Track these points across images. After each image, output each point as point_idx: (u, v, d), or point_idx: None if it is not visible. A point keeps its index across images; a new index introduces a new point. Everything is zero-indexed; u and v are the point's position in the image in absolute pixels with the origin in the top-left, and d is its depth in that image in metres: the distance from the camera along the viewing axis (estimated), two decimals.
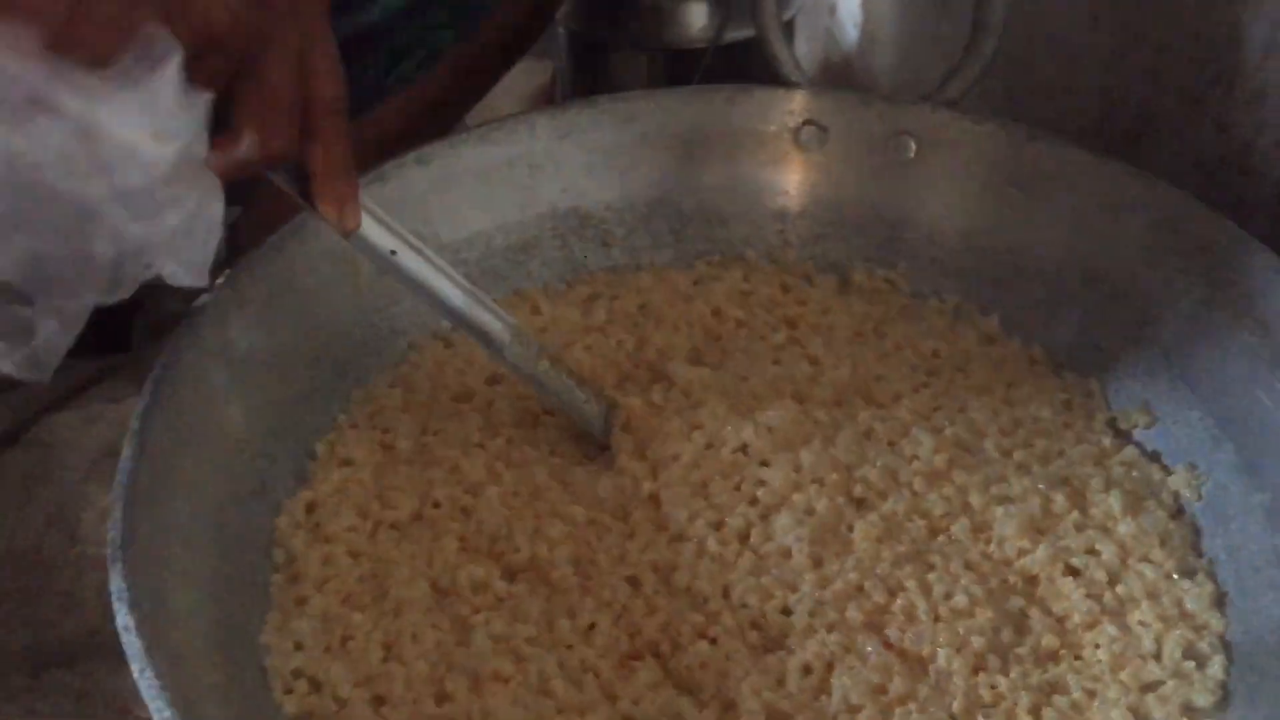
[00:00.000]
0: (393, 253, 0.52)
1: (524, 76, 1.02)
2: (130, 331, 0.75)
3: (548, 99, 1.01)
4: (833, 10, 1.06)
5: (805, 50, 0.96)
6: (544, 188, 0.65)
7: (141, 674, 0.40)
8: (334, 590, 0.50)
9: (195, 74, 0.39)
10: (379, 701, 0.47)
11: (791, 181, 0.67)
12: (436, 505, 0.54)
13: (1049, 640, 0.49)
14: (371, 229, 0.51)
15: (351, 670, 0.48)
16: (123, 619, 0.41)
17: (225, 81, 0.42)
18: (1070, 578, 0.50)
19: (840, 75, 1.05)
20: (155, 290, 0.73)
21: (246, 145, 0.43)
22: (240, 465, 0.53)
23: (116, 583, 0.42)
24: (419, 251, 0.53)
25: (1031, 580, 0.51)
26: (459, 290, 0.54)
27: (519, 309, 0.64)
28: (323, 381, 0.58)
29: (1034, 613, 0.50)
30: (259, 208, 0.59)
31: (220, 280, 0.54)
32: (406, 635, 0.49)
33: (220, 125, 0.42)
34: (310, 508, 0.54)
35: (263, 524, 0.53)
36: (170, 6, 0.38)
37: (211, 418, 0.52)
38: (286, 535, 0.53)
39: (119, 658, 0.53)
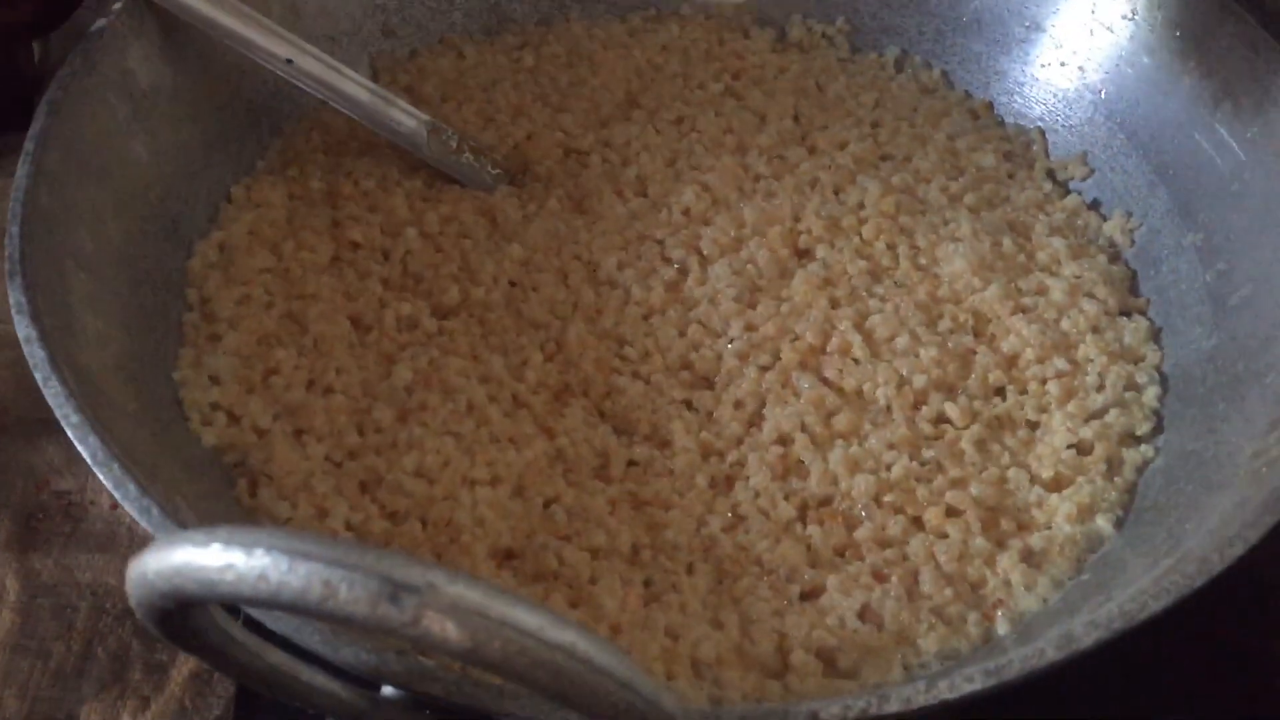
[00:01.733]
0: (289, 61, 0.52)
1: None
2: (32, 110, 0.71)
3: None
4: None
5: None
6: None
7: (46, 382, 0.38)
8: (249, 329, 0.48)
9: None
10: (300, 434, 0.46)
11: None
12: (356, 246, 0.52)
13: (996, 376, 0.48)
14: (265, 38, 0.51)
15: (271, 403, 0.46)
16: (24, 330, 0.39)
17: None
18: (1020, 315, 0.50)
19: None
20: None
21: None
22: (148, 204, 0.50)
23: (15, 296, 0.40)
24: (316, 57, 0.53)
25: (981, 318, 0.50)
26: (365, 90, 0.54)
27: (443, 56, 0.61)
28: (235, 126, 0.55)
29: (982, 349, 0.49)
30: None
31: (117, 6, 0.50)
32: (329, 371, 0.47)
33: None
34: (222, 248, 0.51)
35: (175, 265, 0.50)
36: None
37: (114, 151, 0.49)
38: (199, 276, 0.50)
39: (34, 433, 0.52)
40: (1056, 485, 0.46)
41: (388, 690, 0.33)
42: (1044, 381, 0.48)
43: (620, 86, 0.60)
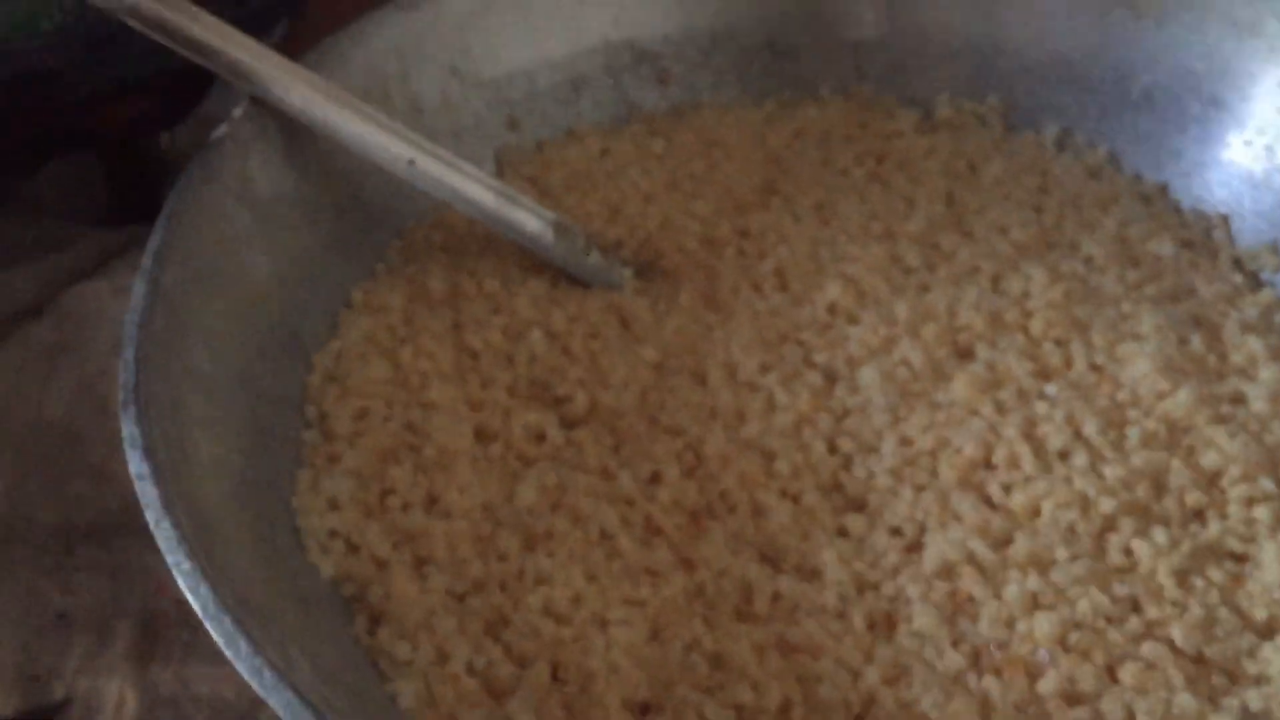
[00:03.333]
0: (410, 162, 0.49)
1: None
2: (159, 199, 0.71)
3: None
4: None
5: None
6: (593, 18, 0.59)
7: (158, 525, 0.36)
8: (368, 446, 0.46)
9: None
10: (420, 564, 0.43)
11: (868, 8, 0.60)
12: (474, 355, 0.49)
13: (1195, 498, 0.43)
14: (387, 139, 0.49)
15: (389, 530, 0.43)
16: (136, 466, 0.37)
17: None
18: (1218, 425, 0.44)
19: None
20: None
21: None
22: (267, 316, 0.48)
23: (129, 429, 0.38)
24: (437, 156, 0.50)
25: (1174, 427, 0.45)
26: (490, 192, 0.51)
27: (570, 147, 0.58)
28: (355, 229, 0.53)
29: (1175, 464, 0.44)
30: (307, 20, 0.54)
31: (237, 113, 0.49)
32: (451, 489, 0.44)
33: None
34: (338, 358, 0.49)
35: (295, 379, 0.48)
36: None
37: (233, 262, 0.47)
38: (317, 391, 0.48)
39: (152, 536, 0.50)
40: (1270, 630, 0.40)
41: None
42: (1249, 504, 0.42)
43: (756, 172, 0.57)
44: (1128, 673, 0.38)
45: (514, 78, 0.58)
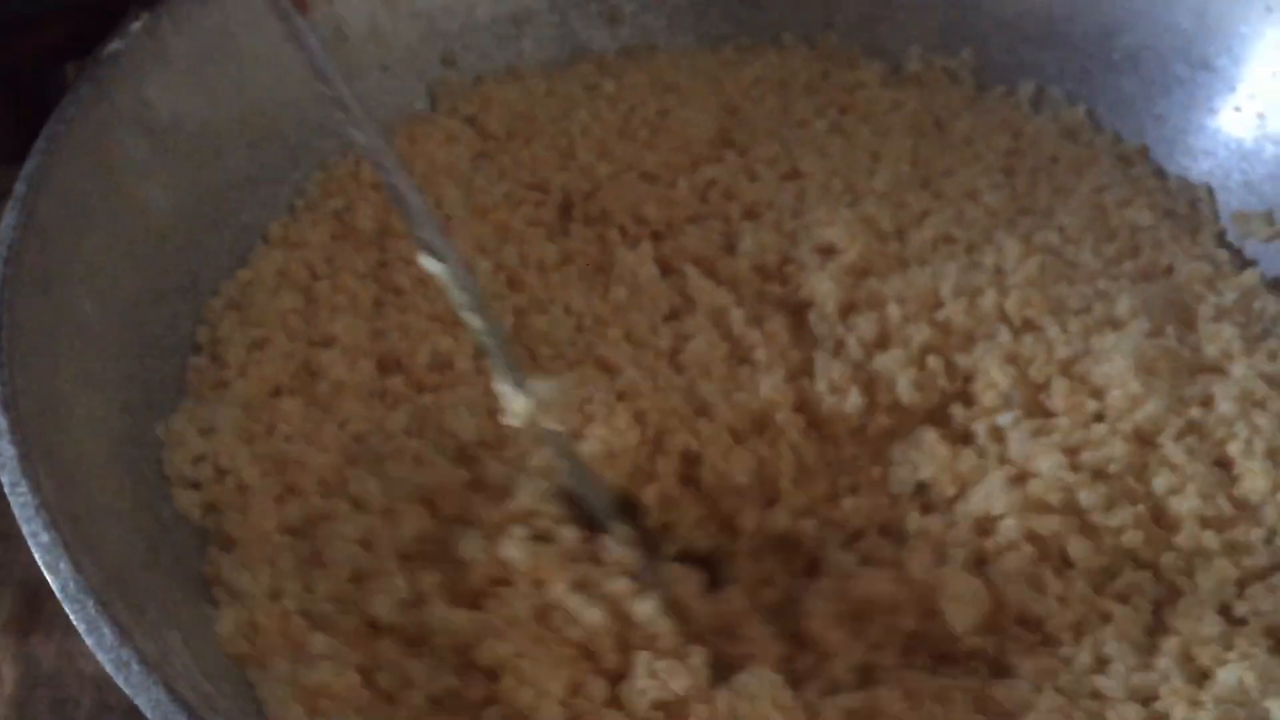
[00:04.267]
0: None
1: None
2: None
3: None
4: None
5: None
6: None
7: (13, 489, 0.31)
8: (259, 376, 0.42)
9: None
10: (287, 492, 0.39)
11: None
12: (399, 292, 0.45)
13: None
14: None
15: (261, 455, 0.39)
16: None
17: None
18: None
19: None
20: None
21: None
22: (162, 256, 0.43)
23: None
24: None
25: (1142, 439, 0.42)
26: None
27: (508, 86, 0.53)
28: (269, 166, 0.48)
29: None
30: None
31: (135, 27, 0.43)
32: (332, 421, 0.41)
33: None
34: (245, 288, 0.44)
35: (189, 329, 0.43)
36: None
37: (124, 195, 0.42)
38: (215, 315, 0.43)
39: None
40: None
41: None
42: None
43: (711, 122, 0.52)
44: None
45: (450, 9, 0.53)
